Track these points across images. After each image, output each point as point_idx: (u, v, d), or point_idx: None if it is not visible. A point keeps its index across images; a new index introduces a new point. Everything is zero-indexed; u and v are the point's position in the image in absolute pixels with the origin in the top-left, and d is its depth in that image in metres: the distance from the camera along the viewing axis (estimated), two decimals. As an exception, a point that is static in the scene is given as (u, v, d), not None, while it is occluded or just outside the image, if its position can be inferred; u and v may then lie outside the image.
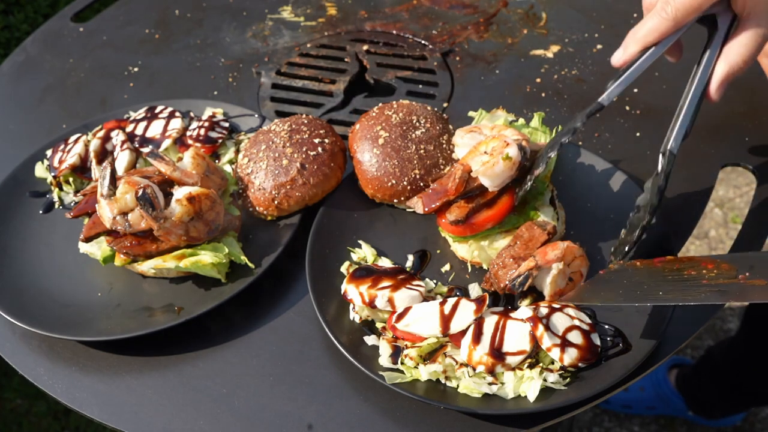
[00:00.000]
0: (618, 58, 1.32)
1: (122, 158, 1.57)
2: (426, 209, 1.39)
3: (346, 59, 1.96)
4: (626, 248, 1.30)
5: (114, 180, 1.37)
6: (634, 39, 1.30)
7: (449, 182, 1.38)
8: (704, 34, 1.28)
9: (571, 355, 1.17)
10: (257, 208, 1.46)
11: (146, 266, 1.38)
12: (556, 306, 1.24)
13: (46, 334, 1.32)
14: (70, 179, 1.60)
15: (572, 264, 1.28)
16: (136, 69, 2.02)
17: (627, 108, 1.73)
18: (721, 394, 2.64)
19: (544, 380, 1.17)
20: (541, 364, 1.19)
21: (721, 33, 1.26)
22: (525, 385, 1.17)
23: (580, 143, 1.65)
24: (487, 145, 1.38)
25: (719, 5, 1.24)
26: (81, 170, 1.61)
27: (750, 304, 2.48)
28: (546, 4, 2.10)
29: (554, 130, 1.51)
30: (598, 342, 1.21)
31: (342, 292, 1.31)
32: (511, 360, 1.18)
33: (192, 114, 1.70)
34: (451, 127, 1.53)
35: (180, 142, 1.62)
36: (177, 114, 1.68)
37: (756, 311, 2.46)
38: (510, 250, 1.31)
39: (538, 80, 1.85)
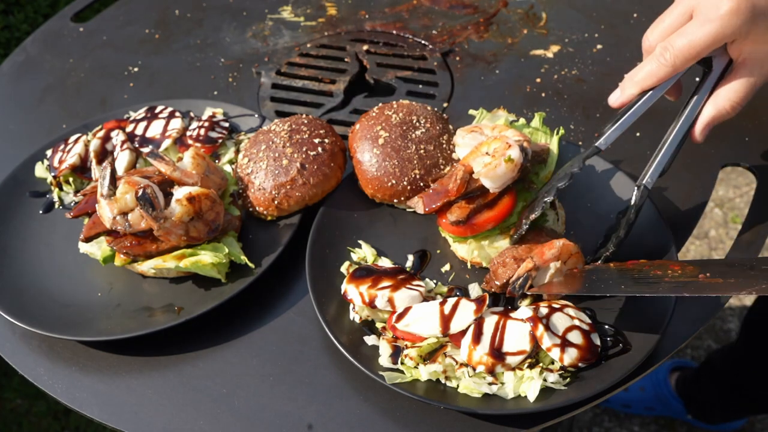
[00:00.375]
0: (615, 99, 1.33)
1: (122, 158, 1.57)
2: (427, 209, 1.39)
3: (346, 59, 1.96)
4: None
5: (114, 180, 1.37)
6: (631, 82, 1.31)
7: (450, 183, 1.38)
8: (701, 73, 1.30)
9: (571, 355, 1.17)
10: (257, 208, 1.46)
11: (146, 266, 1.38)
12: (556, 306, 1.24)
13: (46, 334, 1.32)
14: (70, 179, 1.60)
15: (569, 261, 1.28)
16: (136, 69, 2.02)
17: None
18: (720, 400, 2.64)
19: (544, 380, 1.17)
20: (541, 364, 1.19)
21: (714, 75, 1.28)
22: (525, 385, 1.17)
23: (580, 143, 1.65)
24: (488, 146, 1.38)
25: (717, 50, 1.26)
26: (81, 170, 1.61)
27: (749, 311, 2.49)
28: (546, 4, 2.10)
29: (555, 131, 1.50)
30: (598, 342, 1.21)
31: (342, 292, 1.31)
32: (511, 360, 1.18)
33: (192, 114, 1.70)
34: (451, 127, 1.53)
35: (180, 142, 1.62)
36: (177, 114, 1.68)
37: (754, 317, 2.47)
38: (513, 250, 1.31)
39: (538, 80, 1.85)
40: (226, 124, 1.66)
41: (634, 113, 1.30)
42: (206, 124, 1.64)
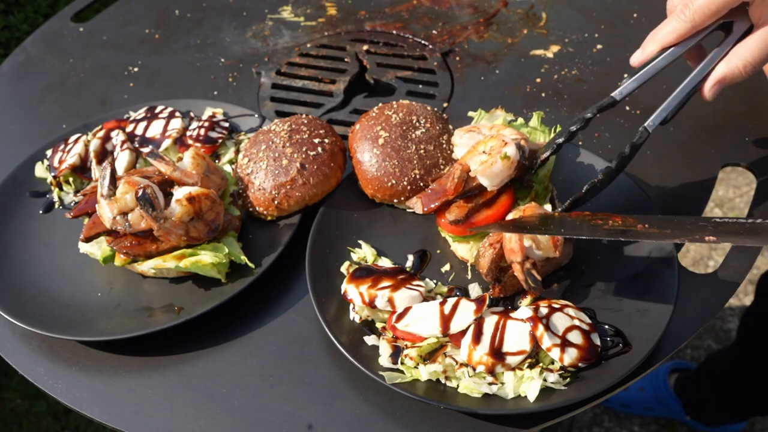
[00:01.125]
0: (636, 57, 1.34)
1: (122, 158, 1.57)
2: (425, 209, 1.39)
3: (346, 59, 1.96)
4: (572, 201, 1.34)
5: (114, 180, 1.37)
6: (653, 39, 1.32)
7: (448, 182, 1.38)
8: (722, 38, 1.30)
9: (571, 355, 1.17)
10: (257, 208, 1.46)
11: (146, 266, 1.38)
12: (556, 306, 1.24)
13: (46, 334, 1.32)
14: (70, 179, 1.60)
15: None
16: (136, 69, 2.02)
17: (627, 108, 1.73)
18: (719, 401, 2.64)
19: (544, 380, 1.17)
20: (541, 364, 1.19)
21: (733, 38, 1.28)
22: (525, 385, 1.17)
23: (580, 143, 1.65)
24: (485, 144, 1.39)
25: (738, 13, 1.26)
26: (81, 170, 1.61)
27: (745, 314, 2.50)
28: (546, 4, 2.10)
29: (553, 130, 1.50)
30: (598, 342, 1.21)
31: (342, 292, 1.31)
32: (511, 360, 1.18)
33: (192, 114, 1.70)
34: (451, 127, 1.53)
35: (180, 142, 1.62)
36: (177, 114, 1.68)
37: (750, 319, 2.47)
38: (486, 239, 1.31)
39: (538, 80, 1.85)
40: (226, 124, 1.66)
41: (653, 67, 1.32)
42: (206, 124, 1.64)
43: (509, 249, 1.27)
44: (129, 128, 1.66)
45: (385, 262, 1.41)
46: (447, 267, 1.41)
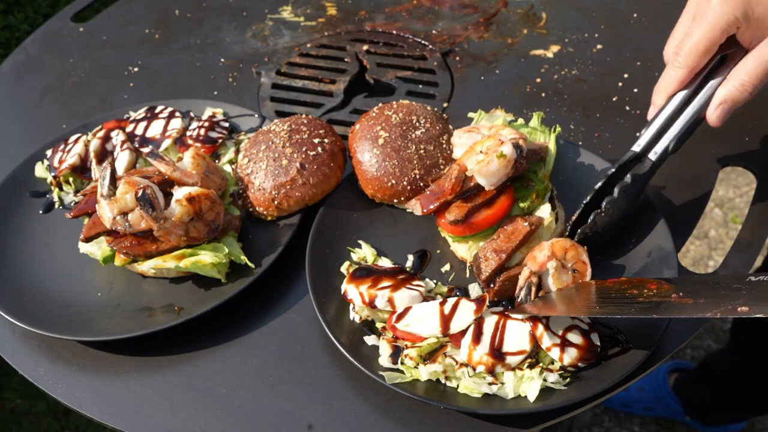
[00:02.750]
0: (651, 113, 1.39)
1: (122, 158, 1.57)
2: (424, 211, 1.39)
3: (346, 59, 1.96)
4: (585, 232, 1.34)
5: (114, 180, 1.37)
6: (658, 92, 1.38)
7: (446, 183, 1.38)
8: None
9: (570, 355, 1.17)
10: (257, 209, 1.46)
11: (146, 266, 1.38)
12: (556, 306, 1.24)
13: (46, 334, 1.32)
14: (70, 179, 1.60)
15: (568, 257, 1.28)
16: (136, 69, 2.02)
17: (627, 108, 1.73)
18: (717, 402, 2.65)
19: (544, 380, 1.17)
20: (541, 364, 1.19)
21: (731, 65, 1.31)
22: (525, 385, 1.17)
23: (580, 143, 1.65)
24: (482, 144, 1.39)
25: (731, 44, 1.31)
26: (81, 170, 1.61)
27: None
28: (546, 4, 2.11)
29: (552, 130, 1.50)
30: (597, 342, 1.21)
31: (342, 292, 1.31)
32: (511, 360, 1.18)
33: (192, 114, 1.70)
34: (451, 127, 1.53)
35: (180, 142, 1.62)
36: (177, 114, 1.68)
37: (741, 322, 2.47)
38: (492, 243, 1.31)
39: (538, 80, 1.85)
40: (226, 124, 1.66)
41: (663, 114, 1.36)
42: (206, 124, 1.64)
43: (533, 255, 1.27)
44: (129, 128, 1.66)
45: (385, 262, 1.41)
46: (447, 267, 1.41)
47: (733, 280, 1.17)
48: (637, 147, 1.36)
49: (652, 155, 1.34)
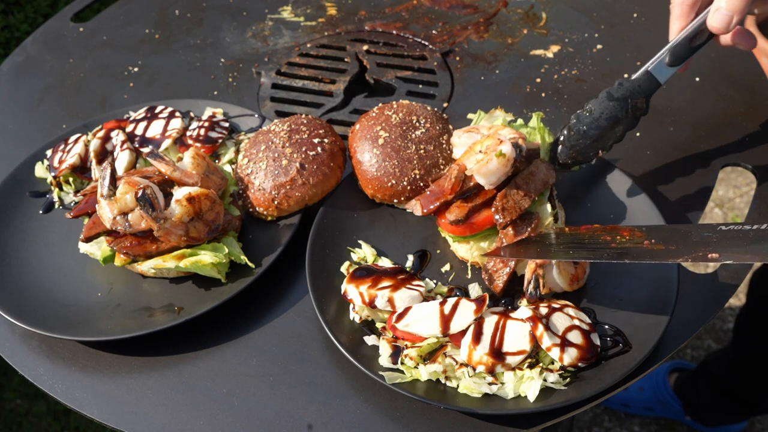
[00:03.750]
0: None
1: (122, 158, 1.57)
2: (424, 211, 1.39)
3: (346, 59, 1.96)
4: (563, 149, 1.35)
5: (114, 180, 1.37)
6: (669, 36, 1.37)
7: (446, 182, 1.38)
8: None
9: (570, 355, 1.17)
10: (257, 209, 1.46)
11: (146, 266, 1.38)
12: (556, 306, 1.24)
13: (46, 334, 1.32)
14: (70, 179, 1.60)
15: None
16: (136, 69, 2.02)
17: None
18: (718, 402, 2.65)
19: (544, 380, 1.17)
20: (541, 364, 1.19)
21: None
22: (525, 385, 1.17)
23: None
24: (481, 144, 1.39)
25: None
26: (81, 170, 1.61)
27: (738, 314, 2.50)
28: (546, 4, 2.11)
29: (536, 115, 1.51)
30: (598, 342, 1.21)
31: (342, 292, 1.31)
32: (511, 360, 1.18)
33: (192, 114, 1.70)
34: (451, 127, 1.53)
35: (180, 142, 1.62)
36: (177, 114, 1.68)
37: (744, 322, 2.48)
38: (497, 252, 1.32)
39: (538, 80, 1.85)
40: (226, 124, 1.66)
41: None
42: (206, 124, 1.64)
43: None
44: (129, 128, 1.66)
45: (385, 262, 1.41)
46: (447, 267, 1.41)
47: (704, 229, 1.20)
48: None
49: (648, 65, 1.32)
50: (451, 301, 1.25)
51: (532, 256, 1.26)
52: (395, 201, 1.48)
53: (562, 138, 1.36)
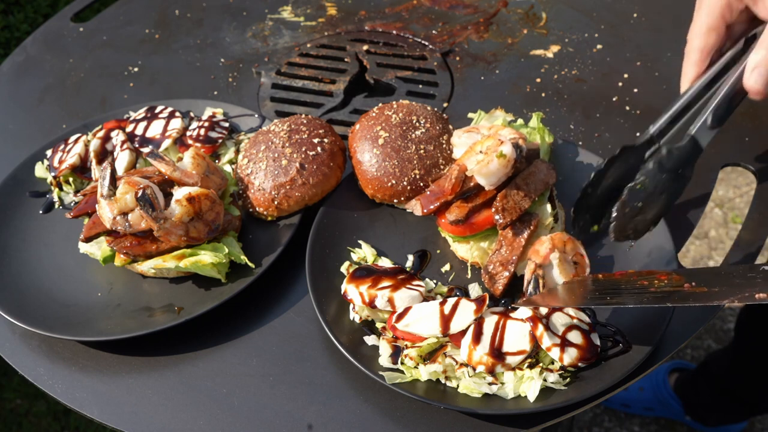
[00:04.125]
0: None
1: (122, 158, 1.57)
2: (424, 211, 1.39)
3: (346, 59, 1.96)
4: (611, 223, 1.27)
5: (114, 180, 1.37)
6: (681, 83, 1.35)
7: (446, 183, 1.38)
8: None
9: (570, 355, 1.17)
10: (257, 209, 1.46)
11: (146, 266, 1.38)
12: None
13: (46, 334, 1.32)
14: (70, 179, 1.60)
15: (567, 250, 1.28)
16: (136, 69, 2.02)
17: (627, 108, 1.73)
18: (718, 402, 2.65)
19: (544, 380, 1.17)
20: (541, 364, 1.19)
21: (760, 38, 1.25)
22: (525, 385, 1.17)
23: (580, 143, 1.65)
24: (482, 144, 1.39)
25: (756, 24, 1.27)
26: (81, 170, 1.61)
27: (740, 314, 2.50)
28: (546, 4, 2.10)
29: (535, 115, 1.50)
30: (598, 342, 1.21)
31: (342, 292, 1.31)
32: (511, 360, 1.18)
33: (192, 114, 1.70)
34: (451, 127, 1.53)
35: (180, 142, 1.62)
36: (177, 114, 1.68)
37: (745, 322, 2.48)
38: (498, 255, 1.32)
39: (538, 80, 1.85)
40: (226, 124, 1.66)
41: (681, 99, 1.32)
42: (206, 124, 1.64)
43: (535, 249, 1.28)
44: (129, 128, 1.66)
45: (385, 262, 1.41)
46: (447, 267, 1.41)
47: (746, 270, 1.16)
48: (652, 127, 1.29)
49: (691, 129, 1.25)
50: (451, 301, 1.25)
51: (569, 304, 1.22)
52: (395, 201, 1.48)
53: (615, 216, 1.24)
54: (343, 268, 1.39)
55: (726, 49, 1.32)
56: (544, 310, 1.22)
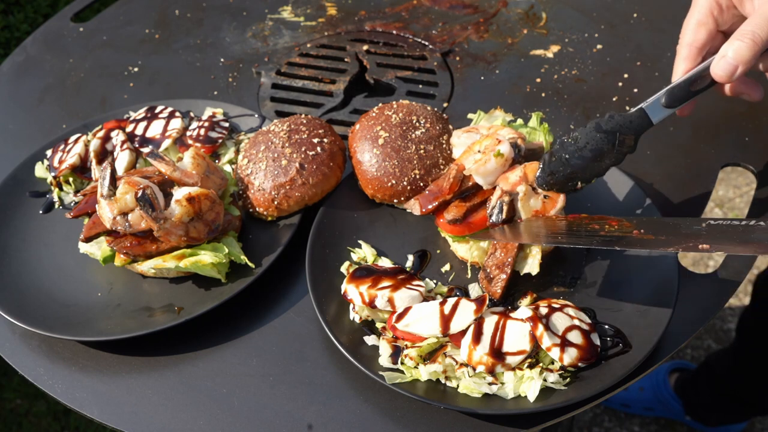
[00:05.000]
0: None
1: (122, 158, 1.57)
2: (423, 210, 1.40)
3: (346, 59, 1.96)
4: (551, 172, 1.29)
5: (114, 180, 1.37)
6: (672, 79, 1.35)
7: (444, 182, 1.39)
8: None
9: (570, 355, 1.17)
10: (257, 209, 1.46)
11: (146, 266, 1.38)
12: (556, 306, 1.24)
13: (46, 334, 1.32)
14: (70, 179, 1.60)
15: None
16: (136, 69, 2.02)
17: (627, 108, 1.73)
18: (718, 402, 2.65)
19: (544, 380, 1.17)
20: (541, 364, 1.19)
21: None
22: (525, 385, 1.17)
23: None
24: (480, 144, 1.39)
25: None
26: (81, 170, 1.61)
27: (742, 314, 2.50)
28: (546, 4, 2.10)
29: (537, 117, 1.50)
30: (598, 342, 1.21)
31: (342, 292, 1.31)
32: (511, 360, 1.18)
33: (192, 114, 1.70)
34: (451, 127, 1.53)
35: (180, 142, 1.62)
36: (177, 114, 1.68)
37: (747, 322, 2.48)
38: (492, 259, 1.32)
39: (538, 80, 1.85)
40: (226, 124, 1.66)
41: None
42: (206, 124, 1.64)
43: (505, 175, 1.31)
44: (129, 128, 1.66)
45: (385, 262, 1.41)
46: (447, 267, 1.41)
47: (693, 222, 1.20)
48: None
49: (644, 103, 1.27)
50: (451, 301, 1.25)
51: (522, 240, 1.27)
52: (395, 201, 1.48)
53: (542, 163, 1.29)
54: (343, 268, 1.39)
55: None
56: (544, 311, 1.22)
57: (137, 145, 1.61)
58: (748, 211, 1.48)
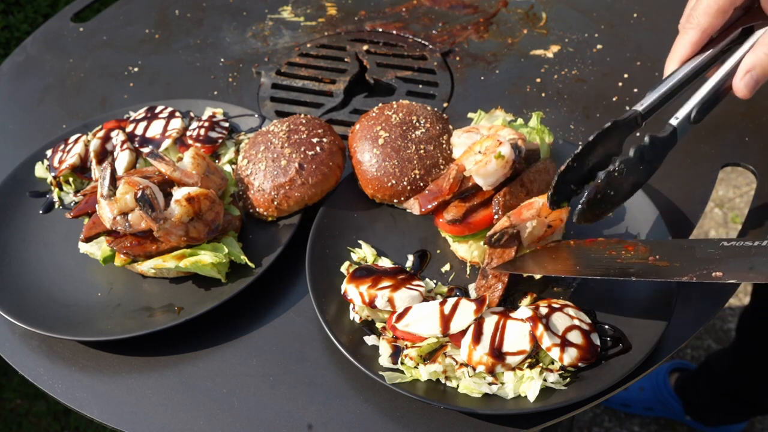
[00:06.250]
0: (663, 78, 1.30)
1: (122, 158, 1.57)
2: (422, 210, 1.40)
3: (346, 59, 1.96)
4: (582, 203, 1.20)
5: (114, 180, 1.37)
6: (670, 59, 1.28)
7: (444, 182, 1.39)
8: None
9: (570, 355, 1.17)
10: (257, 209, 1.46)
11: (146, 266, 1.38)
12: (556, 306, 1.24)
13: (46, 334, 1.32)
14: (70, 179, 1.60)
15: (549, 216, 1.30)
16: (136, 69, 2.02)
17: (627, 108, 1.73)
18: (718, 402, 2.65)
19: (544, 380, 1.17)
20: (541, 364, 1.19)
21: (756, 36, 1.22)
22: (525, 385, 1.17)
23: (580, 143, 1.65)
24: (480, 144, 1.39)
25: (756, 16, 1.22)
26: (81, 170, 1.61)
27: (741, 315, 2.51)
28: (546, 4, 2.10)
29: (536, 115, 1.50)
30: (598, 342, 1.21)
31: (342, 292, 1.31)
32: (511, 360, 1.18)
33: (192, 114, 1.70)
34: (451, 127, 1.53)
35: (180, 142, 1.62)
36: (177, 114, 1.68)
37: (746, 322, 2.48)
38: (489, 266, 1.31)
39: (538, 80, 1.85)
40: (226, 124, 1.66)
41: (673, 78, 1.25)
42: (206, 124, 1.64)
43: (520, 211, 1.29)
44: (129, 128, 1.66)
45: (385, 262, 1.41)
46: (447, 267, 1.41)
47: (708, 245, 1.19)
48: (639, 106, 1.24)
49: (673, 120, 1.20)
50: (451, 301, 1.25)
51: (539, 271, 1.24)
52: (395, 201, 1.48)
53: (587, 197, 1.17)
54: (343, 268, 1.39)
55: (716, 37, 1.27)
56: (544, 311, 1.22)
57: (137, 145, 1.61)
58: (748, 211, 1.48)
